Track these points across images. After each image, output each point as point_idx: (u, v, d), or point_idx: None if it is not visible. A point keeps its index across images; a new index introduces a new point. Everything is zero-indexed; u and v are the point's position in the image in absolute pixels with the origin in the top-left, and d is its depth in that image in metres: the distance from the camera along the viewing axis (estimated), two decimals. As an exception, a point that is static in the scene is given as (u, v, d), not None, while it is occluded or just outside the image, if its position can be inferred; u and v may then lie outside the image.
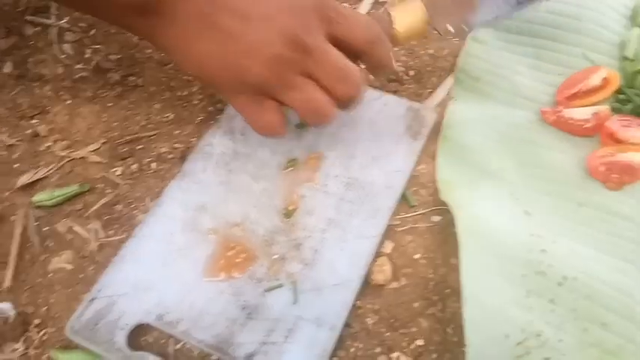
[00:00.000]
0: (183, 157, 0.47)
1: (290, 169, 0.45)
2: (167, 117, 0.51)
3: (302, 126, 0.48)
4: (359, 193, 0.44)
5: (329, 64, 0.38)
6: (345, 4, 0.40)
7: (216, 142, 0.47)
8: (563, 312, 0.37)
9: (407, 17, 0.43)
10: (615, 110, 0.46)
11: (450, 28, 0.45)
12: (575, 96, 0.47)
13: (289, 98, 0.39)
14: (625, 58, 0.48)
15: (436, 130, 0.48)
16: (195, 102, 0.52)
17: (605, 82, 0.47)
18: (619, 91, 0.47)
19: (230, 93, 0.40)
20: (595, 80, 0.46)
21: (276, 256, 0.41)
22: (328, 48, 0.38)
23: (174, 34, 0.38)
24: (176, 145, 0.49)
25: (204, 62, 0.38)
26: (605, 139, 0.44)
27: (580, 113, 0.45)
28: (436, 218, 0.44)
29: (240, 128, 0.48)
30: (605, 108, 0.45)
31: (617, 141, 0.44)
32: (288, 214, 0.43)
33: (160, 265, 0.41)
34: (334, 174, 0.45)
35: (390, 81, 0.52)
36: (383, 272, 0.41)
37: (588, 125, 0.45)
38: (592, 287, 0.38)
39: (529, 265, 0.38)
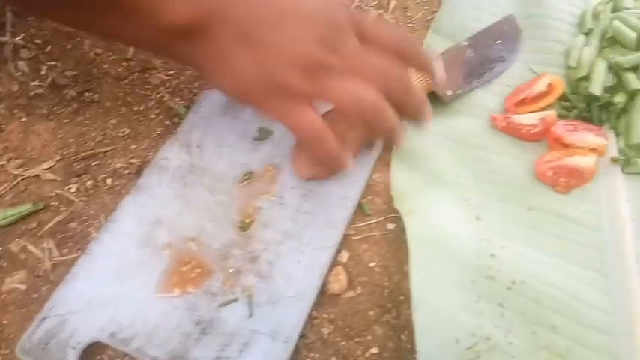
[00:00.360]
0: (139, 173, 0.47)
1: (246, 181, 0.45)
2: (123, 132, 0.51)
3: (259, 138, 0.48)
4: (315, 204, 0.44)
5: (360, 60, 0.39)
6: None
7: (172, 156, 0.47)
8: (513, 315, 0.38)
9: (414, 78, 0.47)
10: (561, 116, 0.47)
11: (449, 92, 0.49)
12: (522, 102, 0.48)
13: (326, 92, 0.38)
14: (569, 66, 0.50)
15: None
16: (152, 116, 0.52)
17: (550, 87, 0.48)
18: (565, 98, 0.48)
19: (267, 102, 0.40)
20: (540, 86, 0.48)
21: (231, 270, 0.41)
22: (359, 46, 0.39)
23: (214, 54, 0.38)
24: (132, 161, 0.49)
25: (241, 76, 0.39)
26: (553, 144, 0.46)
27: (528, 119, 0.47)
28: (391, 226, 0.44)
29: (197, 141, 0.48)
30: (551, 113, 0.47)
31: (564, 145, 0.45)
32: (244, 227, 0.43)
33: (114, 281, 0.40)
34: (290, 186, 0.45)
35: (346, 91, 0.53)
36: (339, 281, 0.41)
37: (536, 130, 0.46)
38: (540, 290, 0.39)
39: (478, 270, 0.39)
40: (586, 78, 0.48)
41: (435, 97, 0.50)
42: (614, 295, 0.39)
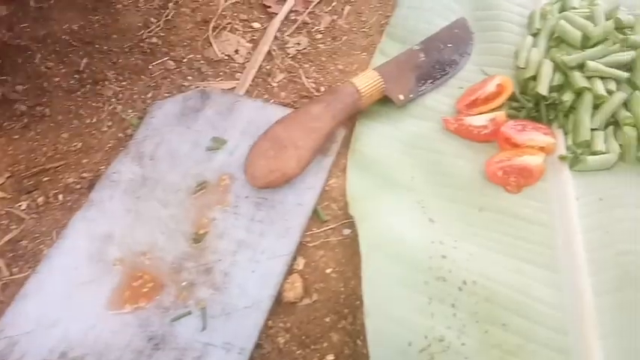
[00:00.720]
0: (91, 187, 0.46)
1: (200, 192, 0.45)
2: (75, 146, 0.50)
3: (213, 147, 0.47)
4: (270, 212, 0.44)
5: None
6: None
7: (124, 169, 0.46)
8: (465, 316, 0.38)
9: (367, 84, 0.48)
10: (512, 116, 0.48)
11: (401, 97, 0.50)
12: (474, 103, 0.49)
13: None
14: (518, 67, 0.51)
15: (346, 145, 0.49)
16: (104, 129, 0.51)
17: (500, 87, 0.49)
18: (515, 99, 0.49)
19: None
20: (490, 87, 0.49)
21: (184, 283, 0.40)
22: None
23: None
24: (84, 175, 0.48)
25: None
26: (503, 144, 0.46)
27: (478, 120, 0.47)
28: (347, 231, 0.44)
29: (149, 153, 0.47)
30: (501, 114, 0.47)
31: (514, 145, 0.46)
32: (197, 238, 0.42)
33: (64, 300, 0.39)
34: (245, 195, 0.45)
35: (301, 97, 0.53)
36: (294, 290, 0.41)
37: (486, 131, 0.47)
38: (491, 289, 0.39)
39: (430, 272, 0.39)
40: (534, 78, 0.49)
41: (388, 102, 0.50)
42: (564, 291, 0.39)
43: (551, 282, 0.40)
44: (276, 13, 0.59)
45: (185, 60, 0.56)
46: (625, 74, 0.47)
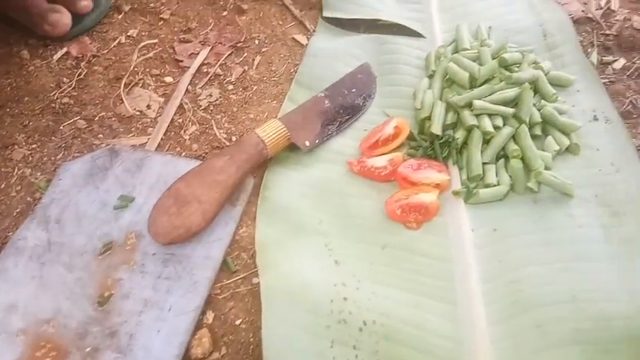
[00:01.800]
0: (-4, 256, 0.46)
1: (106, 253, 0.45)
2: (-19, 214, 0.49)
3: (120, 206, 0.48)
4: (177, 268, 0.44)
5: None
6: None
7: (29, 235, 0.46)
8: (366, 356, 0.39)
9: (271, 133, 0.50)
10: (411, 155, 0.51)
11: (307, 143, 0.52)
12: (375, 145, 0.51)
13: None
14: (416, 108, 0.54)
15: (257, 193, 0.50)
16: (13, 194, 0.50)
17: (398, 129, 0.51)
18: (413, 139, 0.52)
19: None
20: (389, 129, 0.51)
21: (89, 349, 0.40)
22: None
23: None
24: (-10, 243, 0.47)
25: None
26: (402, 183, 0.49)
27: (379, 161, 0.49)
28: (256, 280, 0.45)
29: (56, 216, 0.47)
30: (398, 154, 0.50)
31: (412, 184, 0.48)
32: (102, 301, 0.42)
33: (-38, 378, 0.39)
34: (152, 252, 0.45)
35: (213, 148, 0.54)
36: (202, 345, 0.41)
37: (386, 172, 0.49)
38: (390, 327, 0.40)
39: (332, 316, 0.41)
40: (429, 118, 0.52)
41: (297, 148, 0.52)
42: (459, 323, 0.41)
43: (448, 315, 0.42)
44: (188, 67, 0.61)
45: (97, 118, 0.56)
46: (511, 110, 0.50)
